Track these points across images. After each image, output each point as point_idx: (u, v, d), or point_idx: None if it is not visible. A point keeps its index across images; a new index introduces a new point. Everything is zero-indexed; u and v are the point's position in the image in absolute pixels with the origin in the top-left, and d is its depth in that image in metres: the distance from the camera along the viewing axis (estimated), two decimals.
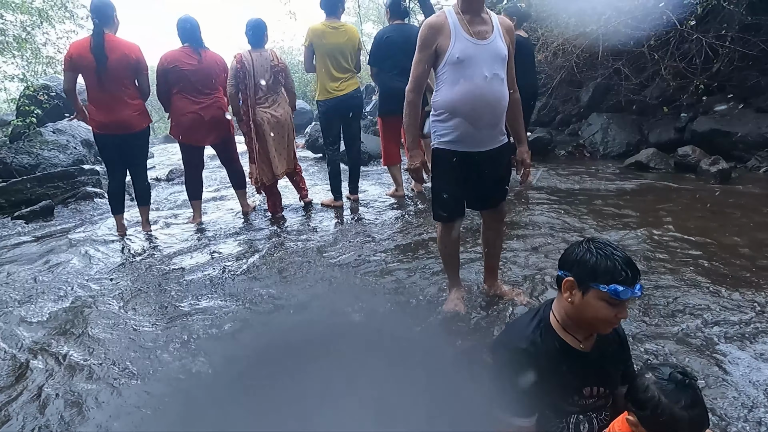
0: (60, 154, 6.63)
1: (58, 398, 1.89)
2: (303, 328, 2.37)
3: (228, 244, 3.68)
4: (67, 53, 3.68)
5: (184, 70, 3.89)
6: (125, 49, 3.66)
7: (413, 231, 3.64)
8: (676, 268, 2.68)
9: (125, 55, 3.64)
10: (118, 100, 3.68)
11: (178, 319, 2.49)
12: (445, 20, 2.11)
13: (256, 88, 3.96)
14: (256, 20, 4.04)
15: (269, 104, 4.04)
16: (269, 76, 3.98)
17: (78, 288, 2.98)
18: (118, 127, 3.72)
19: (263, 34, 4.04)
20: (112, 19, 3.70)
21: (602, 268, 1.23)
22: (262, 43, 4.04)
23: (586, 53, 6.58)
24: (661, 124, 5.95)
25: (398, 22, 4.35)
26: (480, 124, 2.15)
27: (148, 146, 4.15)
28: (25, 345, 2.31)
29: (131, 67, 3.70)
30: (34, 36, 7.69)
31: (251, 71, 3.92)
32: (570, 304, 1.31)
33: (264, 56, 3.98)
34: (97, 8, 3.65)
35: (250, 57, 3.93)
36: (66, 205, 5.15)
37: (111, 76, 3.60)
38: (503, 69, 2.17)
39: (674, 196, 4.16)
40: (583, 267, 1.26)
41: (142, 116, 3.85)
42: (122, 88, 3.69)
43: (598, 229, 3.37)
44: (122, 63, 3.63)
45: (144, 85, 3.83)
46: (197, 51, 3.94)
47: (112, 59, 3.57)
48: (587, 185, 4.70)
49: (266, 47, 4.12)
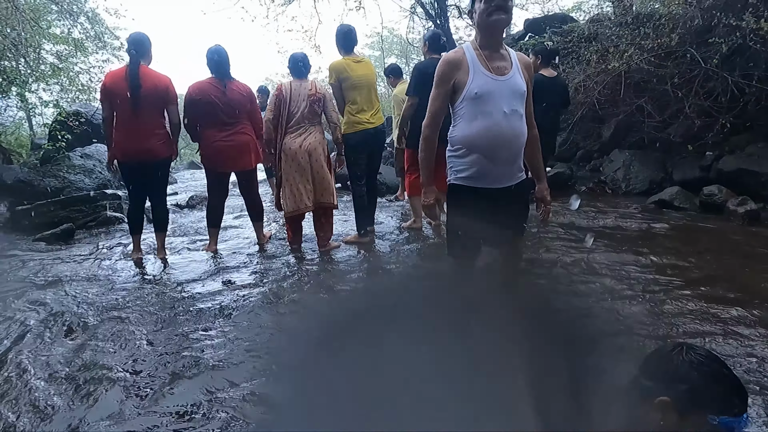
0: (85, 178, 6.80)
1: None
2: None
3: (236, 273, 3.66)
4: (103, 83, 3.83)
5: (211, 101, 3.95)
6: (156, 80, 3.77)
7: (431, 264, 3.57)
8: (713, 314, 2.55)
9: (156, 86, 3.75)
10: (147, 128, 3.78)
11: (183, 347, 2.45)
12: (463, 56, 2.10)
13: (290, 116, 3.95)
14: (299, 54, 4.12)
15: (300, 133, 3.98)
16: (305, 105, 3.95)
17: (82, 309, 2.98)
18: (142, 155, 3.81)
19: (303, 64, 4.06)
20: (148, 51, 3.84)
21: (712, 395, 1.03)
22: (302, 73, 4.05)
23: (607, 90, 6.55)
24: (686, 162, 5.82)
25: (435, 56, 4.37)
26: (498, 161, 2.11)
27: (168, 175, 4.21)
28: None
29: (161, 98, 3.80)
30: (70, 64, 8.02)
31: (287, 100, 3.94)
32: (660, 424, 1.08)
33: (303, 86, 3.98)
34: (135, 40, 3.80)
35: (289, 87, 3.96)
36: (87, 228, 5.23)
37: (143, 105, 3.71)
38: (522, 105, 2.14)
39: (702, 238, 4.02)
40: (686, 389, 1.05)
41: (167, 145, 3.94)
42: (153, 117, 3.80)
43: (622, 274, 3.25)
44: (154, 93, 3.74)
45: (173, 115, 3.93)
46: (223, 82, 4.01)
47: (145, 89, 3.69)
48: (609, 222, 4.58)
49: (309, 78, 4.13)
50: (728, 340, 2.29)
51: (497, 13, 2.01)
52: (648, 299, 2.79)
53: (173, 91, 3.90)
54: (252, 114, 4.18)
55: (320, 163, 4.01)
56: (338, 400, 1.18)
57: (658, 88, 6.12)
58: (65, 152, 7.40)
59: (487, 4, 1.98)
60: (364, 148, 4.23)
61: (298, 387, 1.40)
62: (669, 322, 2.50)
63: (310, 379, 1.29)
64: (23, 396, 2.07)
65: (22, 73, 7.16)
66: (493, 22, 2.03)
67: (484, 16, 2.00)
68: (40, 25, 6.90)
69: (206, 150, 4.11)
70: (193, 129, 4.13)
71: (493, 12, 1.99)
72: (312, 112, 3.99)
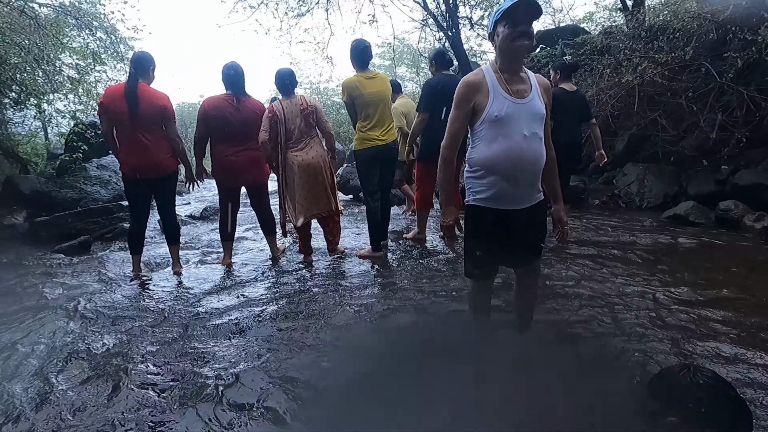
0: (102, 189, 6.89)
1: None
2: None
3: (251, 288, 3.69)
4: (100, 99, 3.88)
5: (224, 117, 4.00)
6: (153, 98, 3.83)
7: (444, 281, 3.58)
8: (727, 334, 2.53)
9: (153, 104, 3.80)
10: (150, 144, 3.83)
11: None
12: (483, 78, 2.12)
13: (289, 133, 4.04)
14: (281, 70, 4.15)
15: (301, 147, 4.08)
16: (300, 120, 4.04)
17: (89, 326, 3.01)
18: (150, 170, 3.86)
19: (289, 82, 4.12)
20: (148, 71, 3.90)
21: (719, 416, 1.11)
22: (289, 90, 4.11)
23: (620, 103, 6.53)
24: (701, 176, 5.78)
25: (445, 72, 4.42)
26: (518, 183, 2.12)
27: (176, 188, 4.23)
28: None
29: (159, 114, 3.85)
30: (88, 76, 8.16)
31: (282, 118, 4.01)
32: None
33: (294, 102, 4.06)
34: (135, 59, 3.91)
35: (281, 105, 4.04)
36: (104, 240, 5.30)
37: (142, 120, 3.77)
38: (541, 128, 2.15)
39: (719, 254, 3.98)
40: (694, 409, 1.12)
41: (173, 159, 3.99)
42: (154, 133, 3.85)
43: (641, 292, 3.22)
44: (151, 110, 3.80)
45: (171, 131, 3.95)
46: (237, 98, 4.06)
47: (143, 106, 3.75)
48: (624, 238, 4.54)
49: (296, 92, 4.21)
50: (740, 364, 2.26)
51: (521, 39, 2.03)
52: (663, 318, 2.76)
53: (171, 109, 3.94)
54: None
55: (322, 175, 4.15)
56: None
57: (672, 102, 6.10)
58: (82, 163, 7.52)
59: (512, 30, 1.99)
60: (375, 164, 4.25)
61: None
62: (684, 341, 2.47)
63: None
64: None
65: (40, 85, 7.29)
66: (517, 47, 2.05)
67: (507, 41, 2.02)
68: (61, 40, 7.04)
69: (217, 164, 4.16)
70: (203, 143, 4.17)
71: (517, 38, 2.01)
72: (308, 125, 4.11)
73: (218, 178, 4.24)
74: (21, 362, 2.56)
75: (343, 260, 4.29)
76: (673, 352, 2.38)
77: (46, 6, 6.43)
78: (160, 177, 3.92)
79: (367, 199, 4.35)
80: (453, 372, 2.03)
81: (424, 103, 4.32)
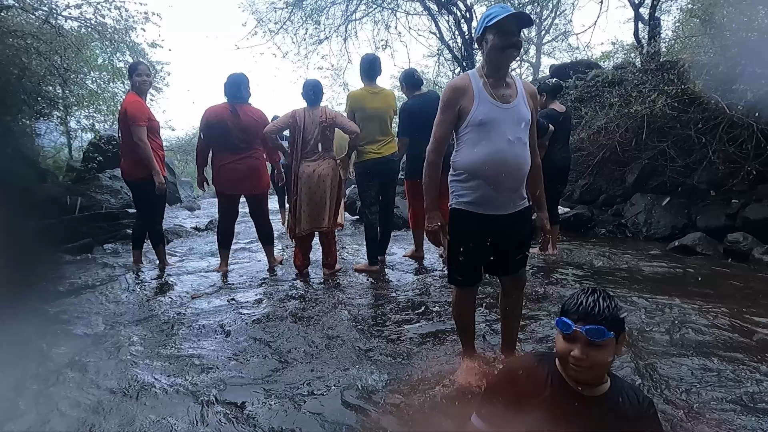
0: (111, 198, 7.04)
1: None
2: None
3: (242, 294, 3.69)
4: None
5: (224, 124, 4.04)
6: (123, 104, 4.17)
7: (435, 294, 3.53)
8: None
9: (122, 109, 4.14)
10: (124, 150, 4.25)
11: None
12: (468, 83, 2.13)
13: (305, 143, 4.03)
14: (311, 81, 4.14)
15: (314, 159, 4.05)
16: (317, 131, 4.02)
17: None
18: (124, 174, 4.33)
19: (317, 93, 4.11)
20: (131, 77, 4.25)
21: (566, 304, 1.35)
22: (314, 101, 4.10)
23: (630, 133, 6.50)
24: (710, 210, 5.66)
25: (417, 93, 4.40)
26: (501, 188, 2.10)
27: (149, 196, 4.24)
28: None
29: (124, 120, 4.12)
30: (109, 90, 8.45)
31: (301, 127, 4.01)
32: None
33: (315, 113, 4.03)
34: (129, 69, 4.45)
35: (303, 114, 4.03)
36: (106, 243, 5.37)
37: (121, 128, 4.19)
38: (526, 133, 2.14)
39: (724, 283, 3.86)
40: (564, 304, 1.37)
41: (139, 167, 4.15)
42: (126, 139, 4.16)
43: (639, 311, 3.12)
44: (122, 116, 4.13)
45: (134, 135, 4.05)
46: (234, 105, 4.08)
47: (120, 112, 4.17)
48: (626, 264, 4.43)
49: (321, 105, 4.18)
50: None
51: (510, 49, 2.05)
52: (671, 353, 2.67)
53: (130, 112, 4.05)
54: (265, 140, 4.20)
55: (328, 190, 4.06)
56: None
57: (682, 134, 6.04)
58: (96, 173, 7.71)
59: (502, 40, 2.01)
60: (372, 177, 4.27)
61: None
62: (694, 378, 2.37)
63: None
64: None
65: (63, 98, 7.57)
66: (505, 56, 2.07)
67: (497, 50, 2.03)
68: (84, 53, 7.33)
69: (217, 172, 4.20)
70: (205, 152, 4.23)
71: (507, 48, 2.03)
72: (324, 137, 4.07)
73: (217, 186, 4.26)
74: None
75: (339, 273, 4.26)
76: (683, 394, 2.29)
77: (72, 19, 6.74)
78: (129, 182, 4.34)
79: (365, 212, 4.36)
80: None
81: (402, 128, 4.33)
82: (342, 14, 10.74)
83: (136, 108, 4.05)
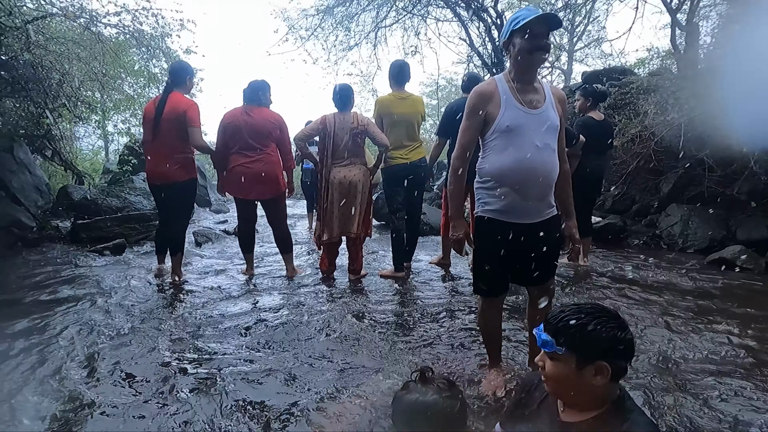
0: (144, 200, 7.20)
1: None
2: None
3: (266, 296, 3.72)
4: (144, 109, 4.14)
5: (237, 125, 4.02)
6: (177, 104, 3.88)
7: (461, 301, 3.48)
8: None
9: (175, 110, 3.86)
10: (165, 152, 3.92)
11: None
12: (495, 88, 2.08)
13: (335, 148, 4.00)
14: (342, 86, 4.12)
15: (345, 164, 4.02)
16: (348, 137, 3.98)
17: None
18: (158, 178, 4.01)
19: (347, 98, 4.08)
20: (183, 80, 4.06)
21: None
22: (345, 107, 4.07)
23: (666, 141, 6.28)
24: (752, 221, 5.41)
25: (465, 95, 4.41)
26: (528, 195, 2.04)
27: (189, 200, 4.24)
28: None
29: (179, 120, 3.86)
30: (144, 95, 8.72)
31: (331, 132, 3.99)
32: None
33: (346, 119, 3.99)
34: (171, 70, 4.20)
35: (333, 119, 4.00)
36: (138, 244, 5.50)
37: (162, 129, 3.88)
38: (555, 139, 2.08)
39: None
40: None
41: (183, 169, 4.00)
42: (171, 141, 3.91)
43: (675, 332, 2.99)
44: (173, 117, 3.85)
45: (192, 138, 3.91)
46: (248, 106, 4.08)
47: (165, 114, 3.86)
48: (661, 277, 4.26)
49: (352, 111, 4.14)
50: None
51: (539, 52, 2.00)
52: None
53: (191, 114, 3.88)
54: (281, 143, 4.17)
55: (359, 196, 4.03)
56: None
57: (722, 143, 5.80)
58: (130, 175, 7.93)
59: (531, 43, 1.96)
60: (399, 182, 4.23)
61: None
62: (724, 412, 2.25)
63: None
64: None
65: (102, 102, 7.84)
66: (533, 60, 2.02)
67: (525, 53, 1.99)
68: (121, 59, 7.59)
69: (229, 174, 4.11)
70: (220, 155, 4.14)
71: (535, 51, 1.98)
72: (354, 143, 4.03)
73: (231, 191, 4.20)
74: (40, 351, 2.65)
75: (364, 279, 4.23)
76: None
77: (111, 26, 6.97)
78: (168, 185, 4.00)
79: (392, 218, 4.33)
80: None
81: (443, 128, 4.28)
82: (372, 21, 10.80)
83: (196, 110, 3.94)
